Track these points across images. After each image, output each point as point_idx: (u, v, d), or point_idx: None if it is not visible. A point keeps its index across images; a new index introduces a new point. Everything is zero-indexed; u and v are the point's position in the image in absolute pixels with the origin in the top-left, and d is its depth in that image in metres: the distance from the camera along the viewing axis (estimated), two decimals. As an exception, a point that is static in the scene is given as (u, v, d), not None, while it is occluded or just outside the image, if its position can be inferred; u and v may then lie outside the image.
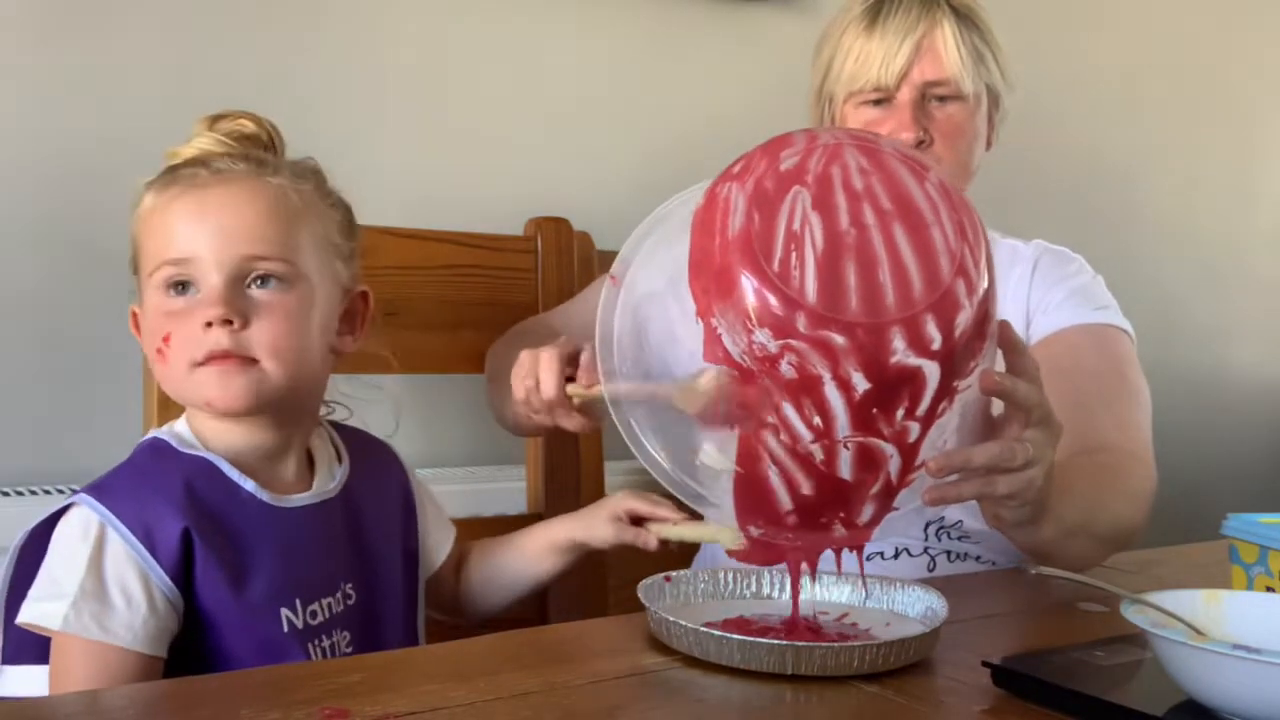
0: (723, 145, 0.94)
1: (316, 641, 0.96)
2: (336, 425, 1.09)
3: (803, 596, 0.95)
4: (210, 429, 0.97)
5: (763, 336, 0.79)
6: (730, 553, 0.91)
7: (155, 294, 0.94)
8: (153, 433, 0.99)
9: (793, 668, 0.79)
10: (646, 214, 0.92)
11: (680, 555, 1.37)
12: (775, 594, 0.99)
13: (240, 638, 0.92)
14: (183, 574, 0.90)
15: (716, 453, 0.86)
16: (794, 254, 0.79)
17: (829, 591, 0.97)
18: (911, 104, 1.27)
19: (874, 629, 0.90)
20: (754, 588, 0.99)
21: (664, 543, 1.08)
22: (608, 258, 1.54)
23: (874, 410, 0.80)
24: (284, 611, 0.94)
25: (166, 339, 0.92)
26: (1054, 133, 2.32)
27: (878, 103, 1.29)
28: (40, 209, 1.45)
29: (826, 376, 0.78)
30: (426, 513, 1.12)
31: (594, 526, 1.11)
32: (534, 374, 1.04)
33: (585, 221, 1.52)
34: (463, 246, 1.40)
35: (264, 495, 0.96)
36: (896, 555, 1.27)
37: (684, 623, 0.83)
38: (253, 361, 0.93)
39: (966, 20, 1.30)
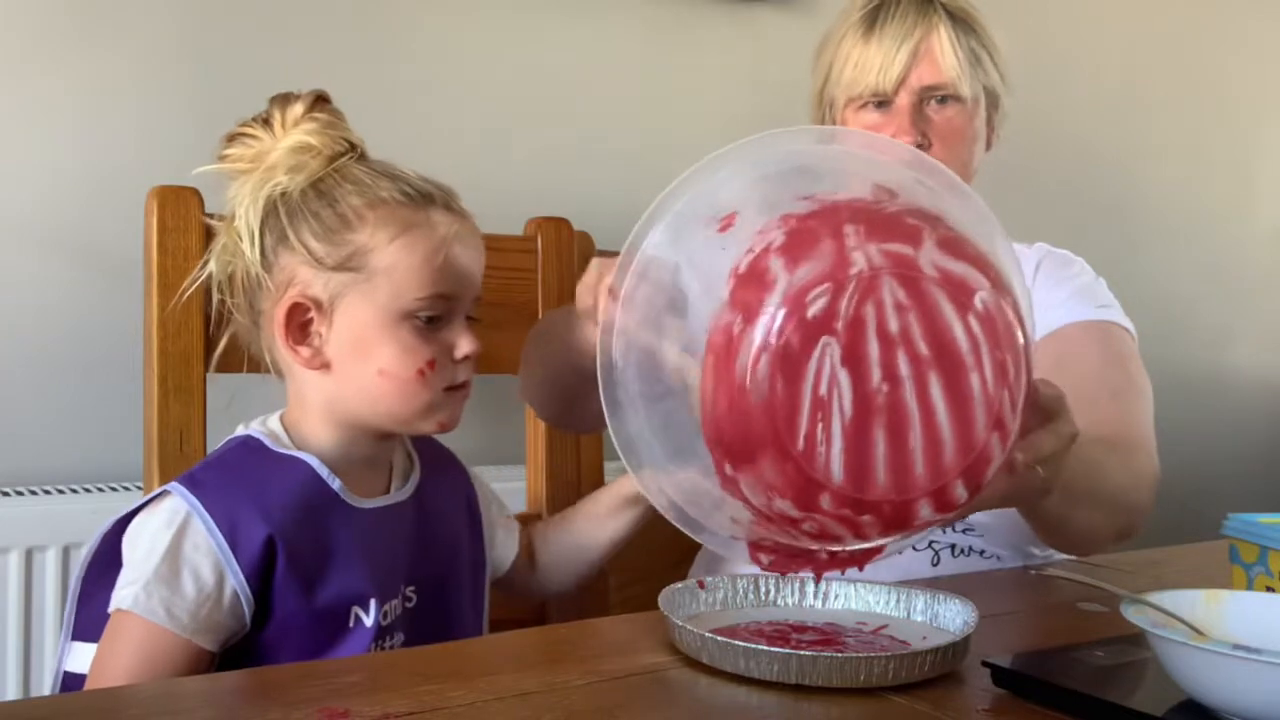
0: (723, 145, 0.93)
1: (383, 642, 0.97)
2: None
3: (842, 606, 0.95)
4: (322, 430, 0.98)
5: (783, 505, 0.76)
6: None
7: (396, 316, 0.96)
8: (246, 429, 1.00)
9: (796, 677, 0.78)
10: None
11: (679, 558, 1.37)
12: (819, 603, 0.97)
13: (312, 638, 0.93)
14: (260, 579, 0.91)
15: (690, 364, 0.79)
16: (820, 425, 0.74)
17: (869, 603, 0.96)
18: (910, 108, 1.27)
19: (912, 643, 0.87)
20: (796, 596, 0.97)
21: None
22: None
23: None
24: (356, 610, 0.95)
25: (431, 365, 0.97)
26: (1054, 133, 2.32)
27: (879, 105, 1.29)
28: (46, 211, 1.45)
29: (848, 537, 0.78)
30: (492, 516, 1.14)
31: None
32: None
33: (585, 221, 1.51)
34: (463, 246, 1.39)
35: (349, 497, 0.98)
36: (900, 550, 1.27)
37: (691, 628, 0.82)
38: None
39: (963, 24, 1.30)
